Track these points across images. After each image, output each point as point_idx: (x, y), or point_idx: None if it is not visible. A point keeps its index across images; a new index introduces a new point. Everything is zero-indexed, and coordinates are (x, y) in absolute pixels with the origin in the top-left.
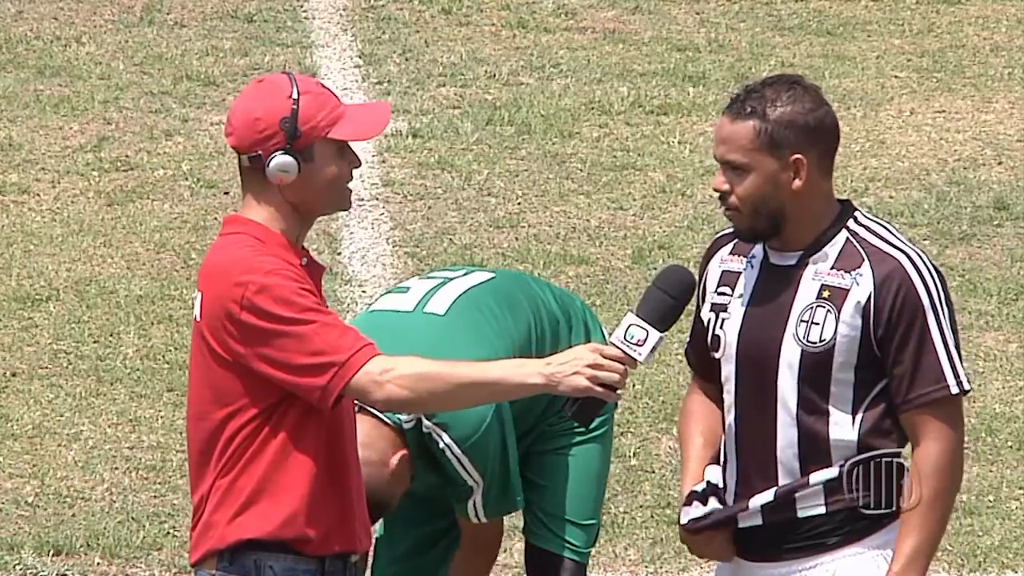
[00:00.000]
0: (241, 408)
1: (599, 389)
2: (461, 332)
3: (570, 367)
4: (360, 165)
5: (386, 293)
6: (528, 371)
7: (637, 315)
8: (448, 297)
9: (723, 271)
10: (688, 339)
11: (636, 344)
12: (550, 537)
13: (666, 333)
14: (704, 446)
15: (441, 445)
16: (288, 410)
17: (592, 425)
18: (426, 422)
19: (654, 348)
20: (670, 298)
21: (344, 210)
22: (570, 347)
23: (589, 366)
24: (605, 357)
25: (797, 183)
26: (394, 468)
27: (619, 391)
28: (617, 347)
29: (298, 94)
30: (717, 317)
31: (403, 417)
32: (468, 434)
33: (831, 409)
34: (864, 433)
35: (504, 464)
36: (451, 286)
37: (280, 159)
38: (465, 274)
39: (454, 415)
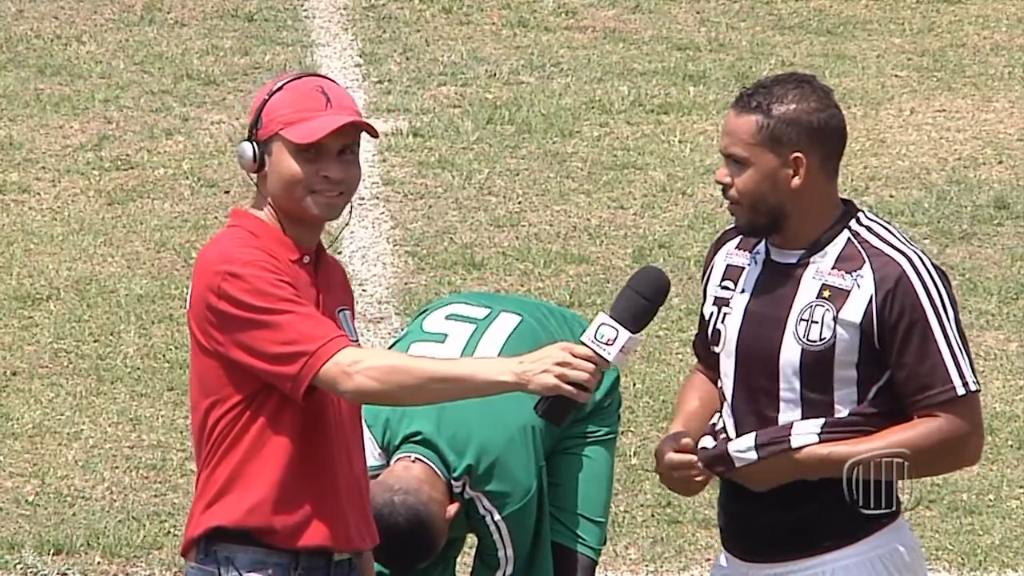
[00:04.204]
0: (222, 398)
1: (568, 388)
2: None
3: (540, 365)
4: (336, 176)
5: (417, 338)
6: (499, 369)
7: (609, 315)
8: (493, 349)
9: (728, 265)
10: (696, 331)
11: (606, 344)
12: (563, 531)
13: (639, 335)
14: (699, 406)
15: (481, 511)
16: (265, 401)
17: (601, 432)
18: (469, 490)
19: (624, 348)
20: (643, 299)
21: (322, 219)
22: None
23: (558, 364)
24: (575, 356)
25: (796, 181)
26: (450, 516)
27: (589, 391)
28: (587, 346)
29: (280, 87)
30: (719, 311)
31: (453, 480)
32: (510, 503)
33: (836, 406)
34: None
35: (536, 544)
36: (490, 336)
37: (241, 144)
38: (491, 314)
39: (501, 485)
